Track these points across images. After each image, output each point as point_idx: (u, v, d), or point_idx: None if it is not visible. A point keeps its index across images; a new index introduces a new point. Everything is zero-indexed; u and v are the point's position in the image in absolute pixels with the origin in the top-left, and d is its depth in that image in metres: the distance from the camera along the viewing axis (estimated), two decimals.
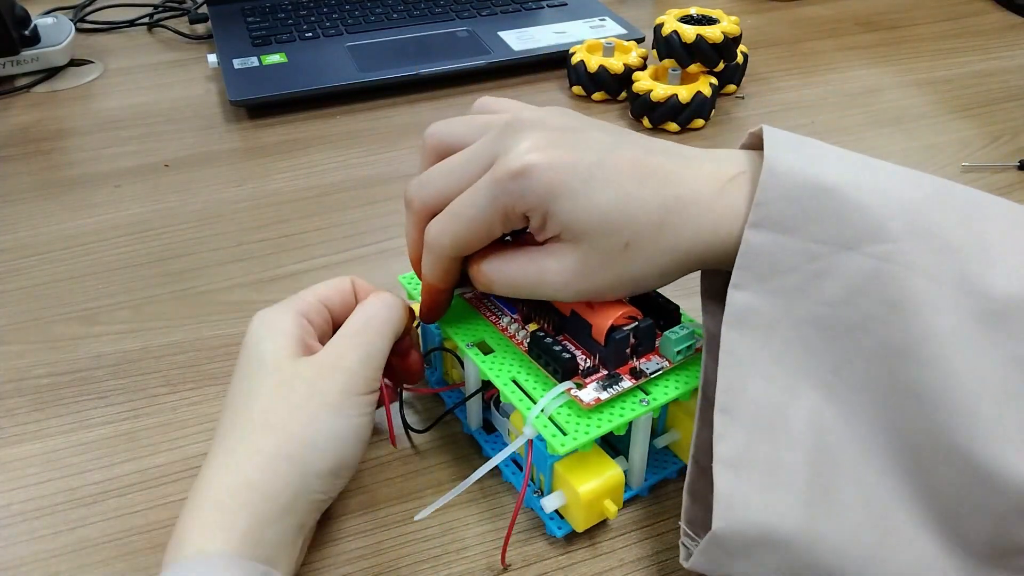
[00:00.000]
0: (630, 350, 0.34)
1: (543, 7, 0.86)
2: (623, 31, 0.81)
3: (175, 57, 0.82)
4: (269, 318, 0.34)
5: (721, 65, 0.67)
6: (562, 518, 0.35)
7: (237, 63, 0.74)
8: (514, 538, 0.36)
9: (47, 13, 0.82)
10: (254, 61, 0.75)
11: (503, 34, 0.80)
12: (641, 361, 0.34)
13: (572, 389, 0.33)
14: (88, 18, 0.88)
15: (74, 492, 0.38)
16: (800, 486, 0.28)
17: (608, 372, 0.34)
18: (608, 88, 0.71)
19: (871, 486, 0.28)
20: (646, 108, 0.67)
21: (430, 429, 0.41)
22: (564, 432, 0.32)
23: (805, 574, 0.28)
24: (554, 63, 0.77)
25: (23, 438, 0.41)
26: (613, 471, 0.34)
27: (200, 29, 0.87)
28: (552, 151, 0.30)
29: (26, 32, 0.76)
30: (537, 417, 0.32)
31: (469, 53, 0.77)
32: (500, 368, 0.35)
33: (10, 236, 0.56)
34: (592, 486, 0.33)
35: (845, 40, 0.83)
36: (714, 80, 0.67)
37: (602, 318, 0.33)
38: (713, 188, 0.31)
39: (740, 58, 0.71)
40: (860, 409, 0.29)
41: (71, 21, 0.81)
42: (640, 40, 0.79)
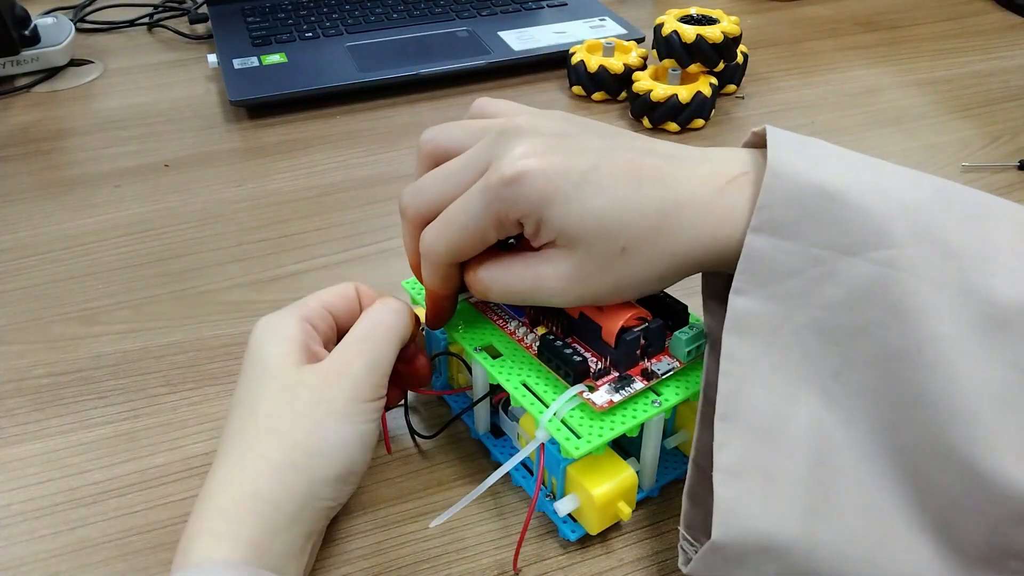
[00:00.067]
0: (640, 351, 0.34)
1: (543, 7, 0.86)
2: (623, 31, 0.81)
3: (175, 57, 0.82)
4: (273, 324, 0.34)
5: (721, 65, 0.67)
6: (575, 521, 0.35)
7: (237, 63, 0.74)
8: (513, 539, 0.36)
9: (47, 13, 0.82)
10: (254, 61, 0.75)
11: (503, 34, 0.80)
12: (652, 362, 0.34)
13: (584, 392, 0.33)
14: (88, 18, 0.88)
15: (74, 492, 0.38)
16: (800, 493, 0.28)
17: (619, 374, 0.34)
18: (608, 88, 0.71)
19: (869, 491, 0.28)
20: (646, 108, 0.67)
21: (437, 435, 0.40)
22: (577, 435, 0.32)
23: None
24: (554, 63, 0.77)
25: (23, 438, 0.41)
26: (626, 473, 0.34)
27: (200, 29, 0.87)
28: (545, 157, 0.30)
29: (26, 32, 0.76)
30: (550, 421, 0.32)
31: (469, 53, 0.77)
32: (510, 372, 0.35)
33: (10, 236, 0.56)
34: (606, 488, 0.33)
35: (845, 40, 0.83)
36: (714, 80, 0.67)
37: (612, 320, 0.33)
38: (711, 190, 0.30)
39: (740, 58, 0.71)
40: (859, 414, 0.28)
41: (71, 21, 0.81)
42: (640, 40, 0.79)
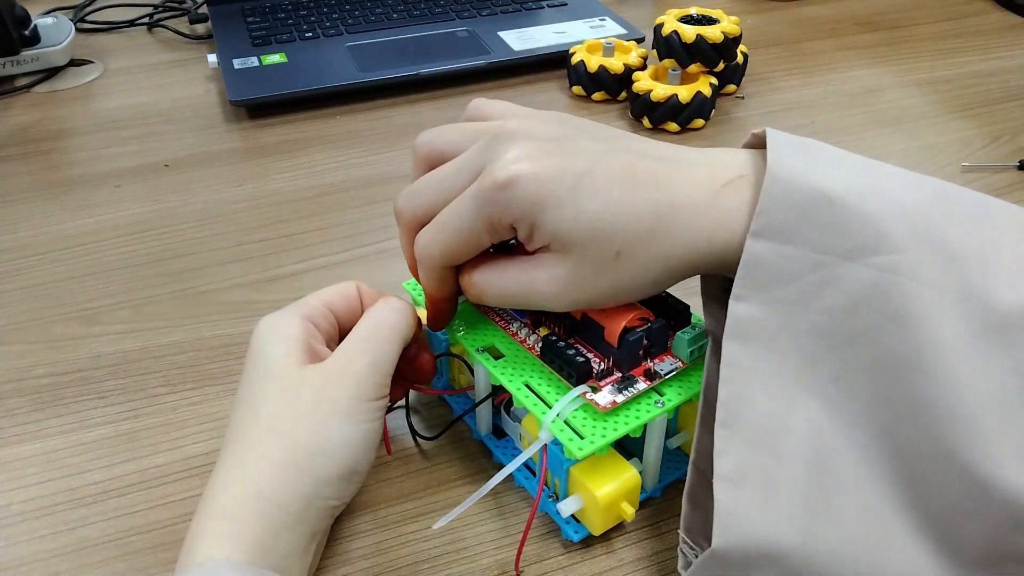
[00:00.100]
0: (643, 352, 0.34)
1: (543, 7, 0.86)
2: (623, 31, 0.81)
3: (175, 57, 0.82)
4: (275, 323, 0.34)
5: (721, 65, 0.67)
6: (578, 522, 0.35)
7: (237, 63, 0.74)
8: (513, 539, 0.36)
9: (47, 13, 0.82)
10: (254, 61, 0.75)
11: (503, 34, 0.80)
12: (654, 362, 0.34)
13: (587, 393, 0.33)
14: (88, 18, 0.88)
15: (74, 492, 0.38)
16: (800, 499, 0.28)
17: (622, 375, 0.34)
18: (608, 88, 0.71)
19: (868, 495, 0.28)
20: (646, 108, 0.67)
21: (439, 437, 0.40)
22: (581, 436, 0.32)
23: None
24: (554, 63, 0.77)
25: (23, 438, 0.41)
26: (630, 473, 0.34)
27: (200, 29, 0.87)
28: (538, 161, 0.30)
29: (26, 32, 0.76)
30: (553, 421, 0.32)
31: (469, 53, 0.77)
32: (512, 373, 0.35)
33: (10, 236, 0.56)
34: (609, 489, 0.33)
35: (845, 40, 0.83)
36: (714, 80, 0.67)
37: (614, 321, 0.33)
38: (707, 193, 0.30)
39: (740, 58, 0.71)
40: (859, 419, 0.28)
41: (71, 21, 0.81)
42: (640, 40, 0.79)
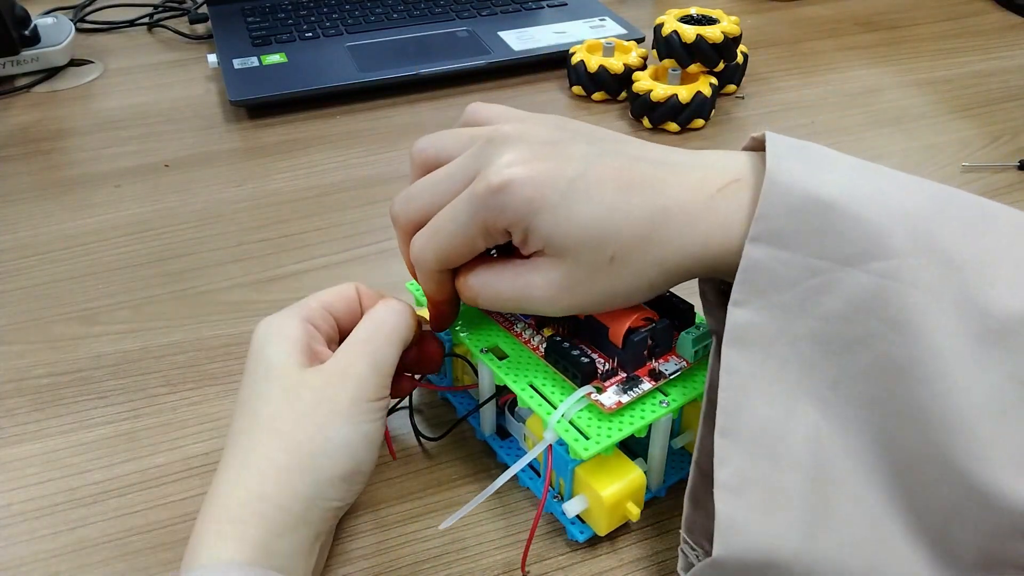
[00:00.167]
0: (647, 352, 0.34)
1: (543, 7, 0.86)
2: (623, 31, 0.81)
3: (175, 57, 0.82)
4: (275, 324, 0.34)
5: (721, 65, 0.67)
6: (583, 522, 0.35)
7: (237, 63, 0.74)
8: (515, 539, 0.36)
9: (47, 13, 0.82)
10: (254, 61, 0.75)
11: (503, 34, 0.80)
12: (659, 362, 0.34)
13: (592, 393, 0.33)
14: (88, 18, 0.88)
15: (74, 492, 0.38)
16: (800, 506, 0.28)
17: (627, 375, 0.34)
18: (608, 88, 0.71)
19: (867, 501, 0.28)
20: (646, 108, 0.67)
21: (443, 437, 0.40)
22: (586, 436, 0.32)
23: None
24: (554, 63, 0.77)
25: (23, 438, 0.41)
26: (635, 473, 0.34)
27: (200, 29, 0.87)
28: (532, 165, 0.30)
29: (26, 32, 0.76)
30: (559, 422, 0.32)
31: (469, 53, 0.77)
32: (517, 373, 0.35)
33: (10, 236, 0.56)
34: (615, 489, 0.33)
35: (845, 40, 0.83)
36: (714, 80, 0.67)
37: (619, 321, 0.33)
38: (703, 197, 0.30)
39: (740, 58, 0.71)
40: (857, 425, 0.28)
41: (71, 21, 0.81)
42: (640, 40, 0.79)
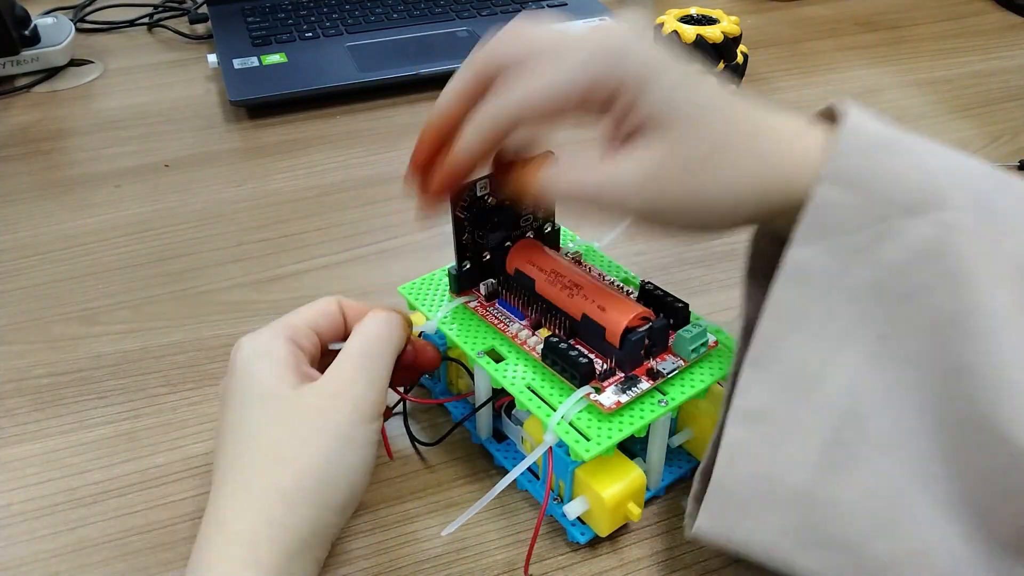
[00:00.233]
0: (644, 351, 0.34)
1: (543, 7, 0.86)
2: None
3: (175, 57, 0.82)
4: (260, 345, 0.32)
5: (721, 65, 0.67)
6: (584, 524, 0.35)
7: (237, 63, 0.74)
8: (514, 539, 0.36)
9: (47, 13, 0.82)
10: (254, 61, 0.75)
11: None
12: (656, 361, 0.34)
13: (591, 394, 0.33)
14: (88, 18, 0.88)
15: (74, 492, 0.38)
16: (817, 447, 0.27)
17: (625, 375, 0.34)
18: None
19: (897, 460, 0.28)
20: None
21: (439, 443, 0.40)
22: (587, 437, 0.32)
23: (810, 537, 0.28)
24: None
25: (23, 438, 0.41)
26: (635, 473, 0.33)
27: (200, 29, 0.87)
28: (654, 45, 0.29)
29: (26, 32, 0.75)
30: (558, 424, 0.32)
31: (469, 53, 0.76)
32: (514, 376, 0.35)
33: (10, 236, 0.56)
34: (616, 490, 0.33)
35: (845, 40, 0.83)
36: None
37: (616, 321, 0.33)
38: (794, 130, 0.30)
39: (740, 58, 0.71)
40: (902, 381, 0.28)
41: (71, 21, 0.81)
42: None
